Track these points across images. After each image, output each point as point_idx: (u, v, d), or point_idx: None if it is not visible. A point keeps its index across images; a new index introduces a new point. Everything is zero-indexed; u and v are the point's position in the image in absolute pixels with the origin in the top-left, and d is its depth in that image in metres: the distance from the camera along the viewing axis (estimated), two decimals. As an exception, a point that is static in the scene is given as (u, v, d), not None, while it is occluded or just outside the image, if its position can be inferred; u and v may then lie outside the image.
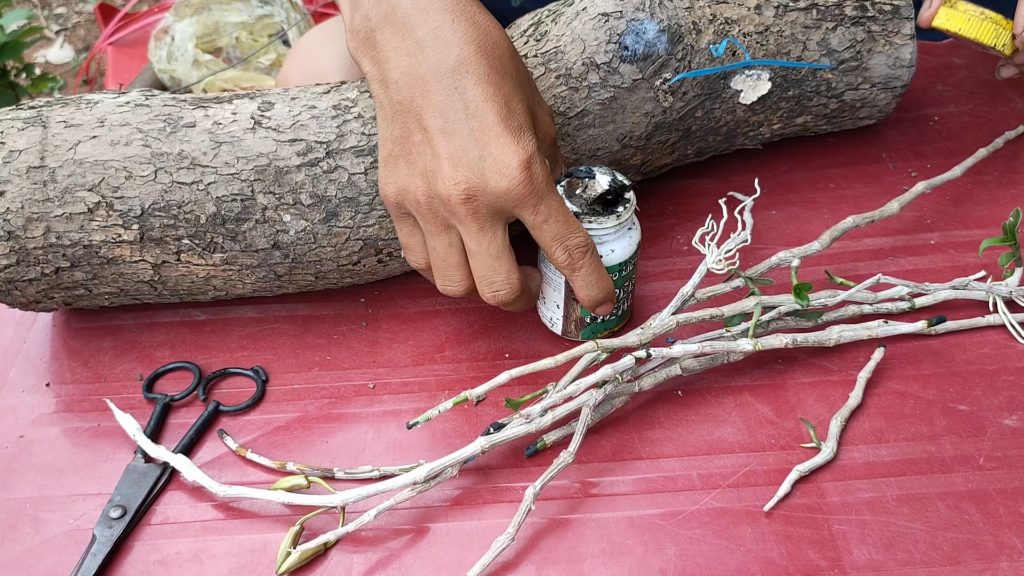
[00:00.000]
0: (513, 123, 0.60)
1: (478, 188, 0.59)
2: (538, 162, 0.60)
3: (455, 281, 0.64)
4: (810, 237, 0.76)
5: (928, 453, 0.65)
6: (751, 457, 0.65)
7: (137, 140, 0.70)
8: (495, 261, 0.62)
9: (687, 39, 0.75)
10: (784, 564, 0.59)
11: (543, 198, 0.60)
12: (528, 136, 0.60)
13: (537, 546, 0.61)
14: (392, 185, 0.63)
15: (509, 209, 0.61)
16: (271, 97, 0.73)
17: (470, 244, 0.62)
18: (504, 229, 0.62)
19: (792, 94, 0.80)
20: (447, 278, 0.64)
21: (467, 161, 0.59)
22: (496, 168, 0.59)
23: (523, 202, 0.60)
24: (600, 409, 0.67)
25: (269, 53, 1.73)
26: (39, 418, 0.72)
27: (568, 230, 0.62)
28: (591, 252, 0.64)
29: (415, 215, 0.63)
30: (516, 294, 0.64)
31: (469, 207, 0.60)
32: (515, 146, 0.59)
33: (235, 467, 0.67)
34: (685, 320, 0.68)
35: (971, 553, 0.59)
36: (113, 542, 0.63)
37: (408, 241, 0.66)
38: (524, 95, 0.62)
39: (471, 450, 0.62)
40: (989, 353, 0.71)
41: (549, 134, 0.65)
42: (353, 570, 0.61)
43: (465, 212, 0.60)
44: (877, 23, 0.79)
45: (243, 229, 0.70)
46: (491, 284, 0.63)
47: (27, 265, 0.70)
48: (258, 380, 0.73)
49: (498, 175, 0.59)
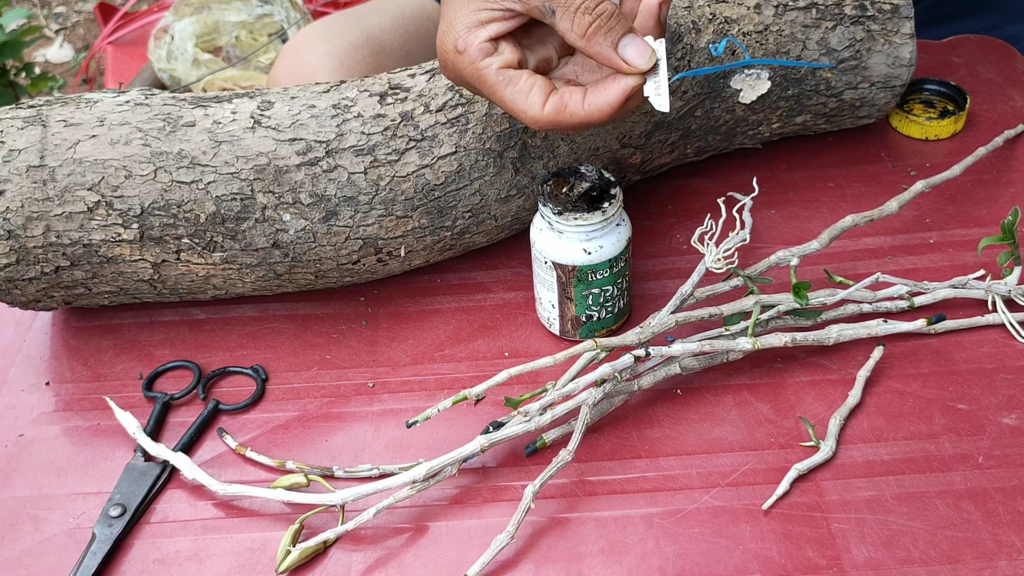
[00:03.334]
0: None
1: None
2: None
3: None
4: (809, 236, 0.76)
5: (927, 452, 0.65)
6: (750, 456, 0.65)
7: (137, 139, 0.70)
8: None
9: (686, 38, 0.75)
10: (783, 562, 0.59)
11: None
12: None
13: (536, 545, 0.61)
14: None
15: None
16: (271, 96, 0.73)
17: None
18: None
19: (791, 93, 0.80)
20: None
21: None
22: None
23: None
24: (599, 408, 0.67)
25: (269, 52, 1.73)
26: (39, 417, 0.72)
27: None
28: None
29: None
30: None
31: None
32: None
33: (235, 466, 0.67)
34: (684, 319, 0.68)
35: (970, 551, 0.59)
36: (113, 541, 0.63)
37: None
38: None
39: (470, 449, 0.62)
40: (988, 352, 0.71)
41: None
42: (353, 568, 0.61)
43: None
44: (876, 22, 0.79)
45: (243, 228, 0.70)
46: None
47: (27, 264, 0.70)
48: (258, 379, 0.73)
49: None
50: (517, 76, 0.63)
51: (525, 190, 0.75)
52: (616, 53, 0.61)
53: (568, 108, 0.62)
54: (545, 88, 0.63)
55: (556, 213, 0.68)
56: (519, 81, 0.63)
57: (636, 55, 0.61)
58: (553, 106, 0.63)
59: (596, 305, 0.71)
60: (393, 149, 0.71)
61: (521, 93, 0.63)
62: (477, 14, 0.63)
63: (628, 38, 0.61)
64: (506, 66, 0.64)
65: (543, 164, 0.74)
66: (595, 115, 0.62)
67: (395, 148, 0.71)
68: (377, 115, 0.71)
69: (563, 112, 0.62)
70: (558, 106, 0.63)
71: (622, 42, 0.61)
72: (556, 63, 0.67)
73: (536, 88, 0.63)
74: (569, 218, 0.67)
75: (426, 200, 0.72)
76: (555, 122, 0.63)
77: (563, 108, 0.62)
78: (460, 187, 0.72)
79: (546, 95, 0.63)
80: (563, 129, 0.63)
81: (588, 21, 0.61)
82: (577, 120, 0.63)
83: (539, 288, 0.72)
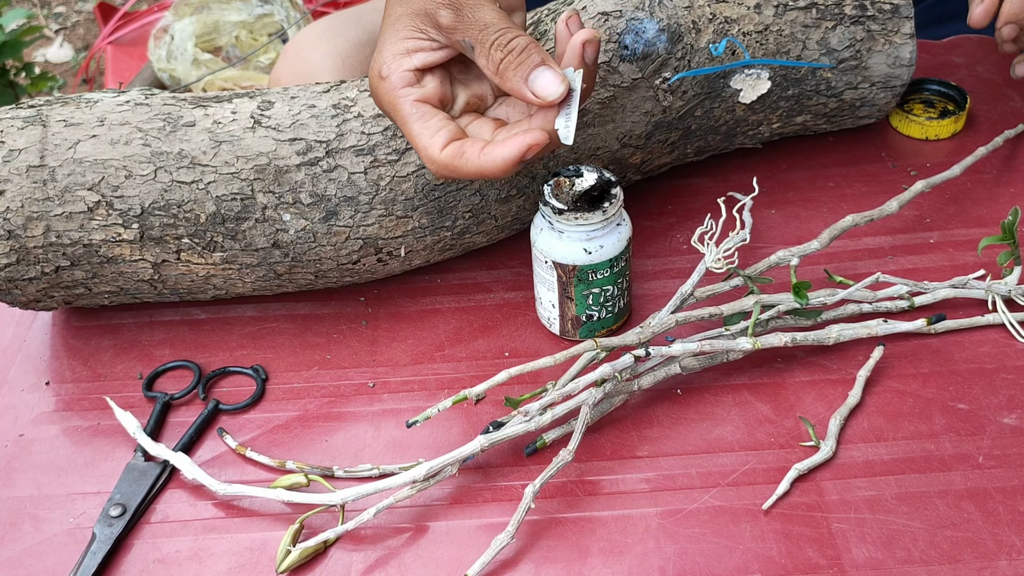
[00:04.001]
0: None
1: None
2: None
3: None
4: (809, 236, 0.76)
5: (927, 451, 0.65)
6: (750, 455, 0.65)
7: (137, 139, 0.70)
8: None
9: (687, 38, 0.75)
10: (783, 562, 0.59)
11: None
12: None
13: (537, 544, 0.61)
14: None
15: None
16: (271, 96, 0.73)
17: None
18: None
19: (792, 93, 0.80)
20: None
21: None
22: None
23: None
24: (599, 408, 0.67)
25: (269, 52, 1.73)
26: (39, 417, 0.72)
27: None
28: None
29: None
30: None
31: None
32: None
33: (235, 466, 0.67)
34: (684, 319, 0.68)
35: (970, 551, 0.59)
36: (113, 540, 0.63)
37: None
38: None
39: (470, 449, 0.62)
40: (988, 352, 0.71)
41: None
42: (353, 568, 0.61)
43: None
44: (877, 22, 0.79)
45: (243, 228, 0.70)
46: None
47: (27, 264, 0.70)
48: (258, 379, 0.73)
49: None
50: (431, 113, 0.62)
51: (525, 190, 0.75)
52: (526, 86, 0.60)
53: (464, 155, 0.61)
54: (452, 133, 0.62)
55: (557, 213, 0.68)
56: (430, 119, 0.62)
57: (544, 86, 0.60)
58: (450, 152, 0.61)
59: (596, 305, 0.71)
60: (393, 149, 0.71)
61: (428, 130, 0.62)
62: (404, 42, 0.63)
63: (539, 70, 0.60)
64: (424, 100, 0.62)
65: (543, 164, 0.74)
66: (488, 168, 0.60)
67: (395, 148, 0.71)
68: (377, 115, 0.71)
69: (458, 158, 0.61)
70: (455, 152, 0.61)
71: (532, 75, 0.60)
72: (491, 102, 0.66)
73: (443, 131, 0.62)
74: (570, 218, 0.67)
75: (426, 200, 0.72)
76: (450, 167, 0.61)
77: (459, 155, 0.61)
78: (460, 187, 0.72)
79: (450, 139, 0.62)
80: (458, 176, 0.62)
81: (500, 56, 0.60)
82: (471, 169, 0.61)
83: (539, 288, 0.72)
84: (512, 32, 0.61)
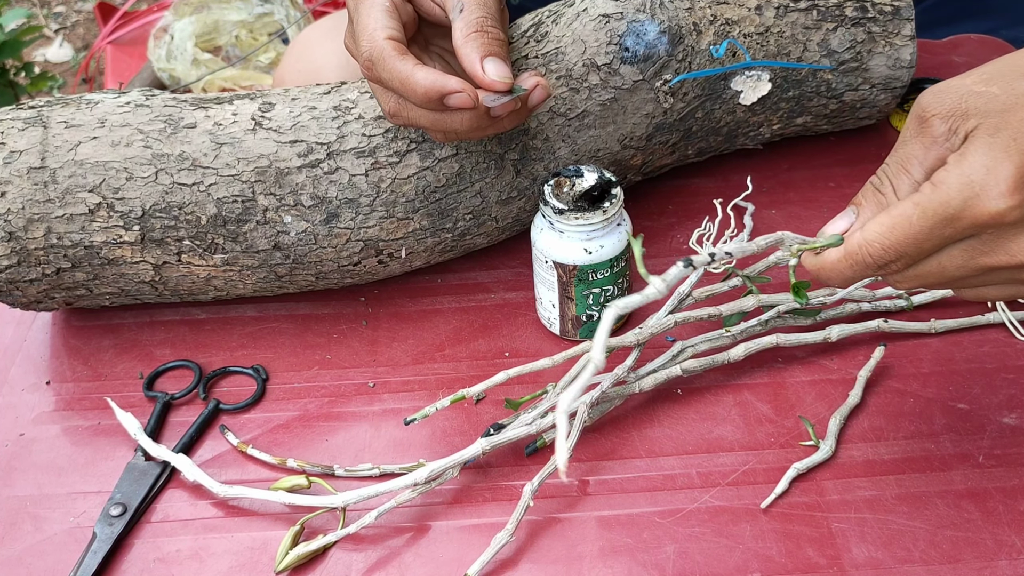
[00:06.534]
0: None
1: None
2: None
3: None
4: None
5: (927, 451, 0.65)
6: (750, 455, 0.65)
7: (138, 141, 0.70)
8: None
9: (687, 40, 0.75)
10: (783, 562, 0.59)
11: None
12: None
13: (537, 544, 0.61)
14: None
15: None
16: (271, 98, 0.73)
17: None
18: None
19: (792, 95, 0.80)
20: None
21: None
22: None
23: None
24: (599, 408, 0.67)
25: (269, 51, 1.73)
26: (39, 416, 0.72)
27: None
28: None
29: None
30: None
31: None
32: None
33: (235, 465, 0.67)
34: (683, 319, 0.68)
35: (970, 551, 0.59)
36: (113, 540, 0.63)
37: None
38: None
39: (471, 452, 0.62)
40: (988, 351, 0.71)
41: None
42: (353, 568, 0.61)
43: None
44: (877, 24, 0.79)
45: (244, 230, 0.70)
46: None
47: (28, 266, 0.70)
48: (258, 378, 0.73)
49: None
50: (392, 12, 0.65)
51: (526, 192, 0.75)
52: (480, 62, 0.63)
53: (402, 55, 0.64)
54: (400, 33, 0.65)
55: (557, 213, 0.68)
56: (389, 16, 0.65)
57: (494, 70, 0.63)
58: (391, 46, 0.64)
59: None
60: (394, 151, 0.71)
61: (380, 20, 0.65)
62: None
63: (496, 58, 0.64)
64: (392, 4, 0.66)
65: (544, 166, 0.74)
66: (409, 80, 0.62)
67: (396, 150, 0.71)
68: (378, 117, 0.71)
69: (391, 56, 0.63)
70: (394, 49, 0.64)
71: (489, 58, 0.64)
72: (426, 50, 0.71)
73: (392, 28, 0.65)
74: (570, 217, 0.67)
75: (427, 202, 0.72)
76: (381, 57, 0.63)
77: (397, 54, 0.63)
78: (461, 189, 0.72)
79: (395, 36, 0.65)
80: (379, 72, 0.64)
81: (478, 25, 0.64)
82: (393, 70, 0.63)
83: (540, 288, 0.72)
84: (498, 26, 0.65)
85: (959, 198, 0.49)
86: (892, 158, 0.54)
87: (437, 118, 0.65)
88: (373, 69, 0.64)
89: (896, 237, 0.50)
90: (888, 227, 0.50)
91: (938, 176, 0.50)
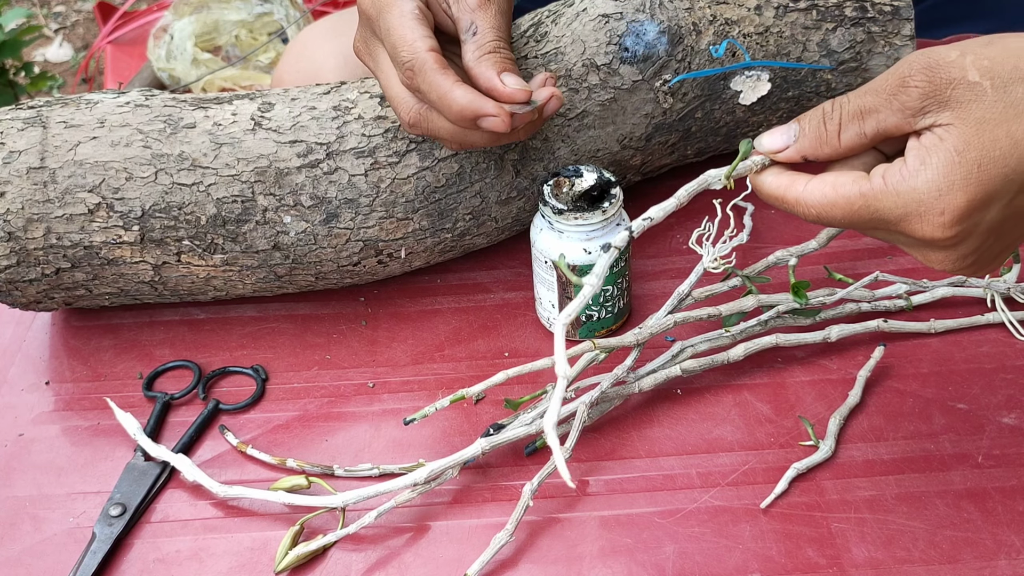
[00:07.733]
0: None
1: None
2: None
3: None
4: (808, 236, 0.76)
5: (927, 451, 0.65)
6: (750, 455, 0.65)
7: (137, 141, 0.70)
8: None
9: (687, 40, 0.75)
10: (783, 562, 0.59)
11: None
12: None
13: (537, 544, 0.61)
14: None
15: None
16: (271, 98, 0.73)
17: None
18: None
19: (792, 95, 0.80)
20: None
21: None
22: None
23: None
24: (598, 408, 0.67)
25: (268, 51, 1.73)
26: (39, 416, 0.72)
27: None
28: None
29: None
30: None
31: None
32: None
33: (235, 465, 0.67)
34: (683, 319, 0.68)
35: (970, 551, 0.59)
36: (113, 540, 0.63)
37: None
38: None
39: (471, 452, 0.62)
40: (988, 351, 0.71)
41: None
42: (353, 568, 0.61)
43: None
44: (877, 24, 0.79)
45: (243, 230, 0.70)
46: None
47: (28, 266, 0.70)
48: (258, 379, 0.73)
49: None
50: (424, 21, 0.65)
51: (526, 192, 0.75)
52: (497, 76, 0.63)
53: (444, 69, 0.63)
54: (437, 45, 0.64)
55: (556, 213, 0.68)
56: (423, 25, 0.64)
57: (514, 81, 0.63)
58: (433, 57, 0.63)
59: (596, 305, 0.71)
60: (394, 151, 0.71)
61: (418, 31, 0.64)
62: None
63: (512, 73, 0.64)
64: (420, 11, 0.65)
65: (543, 166, 0.74)
66: (449, 95, 0.62)
67: (396, 150, 0.71)
68: (378, 117, 0.72)
69: (432, 70, 0.63)
70: (437, 61, 0.63)
71: (506, 73, 0.64)
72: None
73: (431, 39, 0.64)
74: (569, 217, 0.67)
75: (427, 202, 0.72)
76: (423, 69, 0.63)
77: (440, 68, 0.63)
78: (461, 189, 0.72)
79: (436, 48, 0.64)
80: (417, 83, 0.63)
81: (492, 47, 0.64)
82: (437, 85, 0.62)
83: (539, 288, 0.72)
84: (510, 48, 0.66)
85: (902, 210, 0.50)
86: (854, 100, 0.53)
87: (459, 132, 0.65)
88: (414, 79, 0.64)
89: (833, 213, 0.53)
90: (830, 202, 0.53)
91: (893, 177, 0.50)
